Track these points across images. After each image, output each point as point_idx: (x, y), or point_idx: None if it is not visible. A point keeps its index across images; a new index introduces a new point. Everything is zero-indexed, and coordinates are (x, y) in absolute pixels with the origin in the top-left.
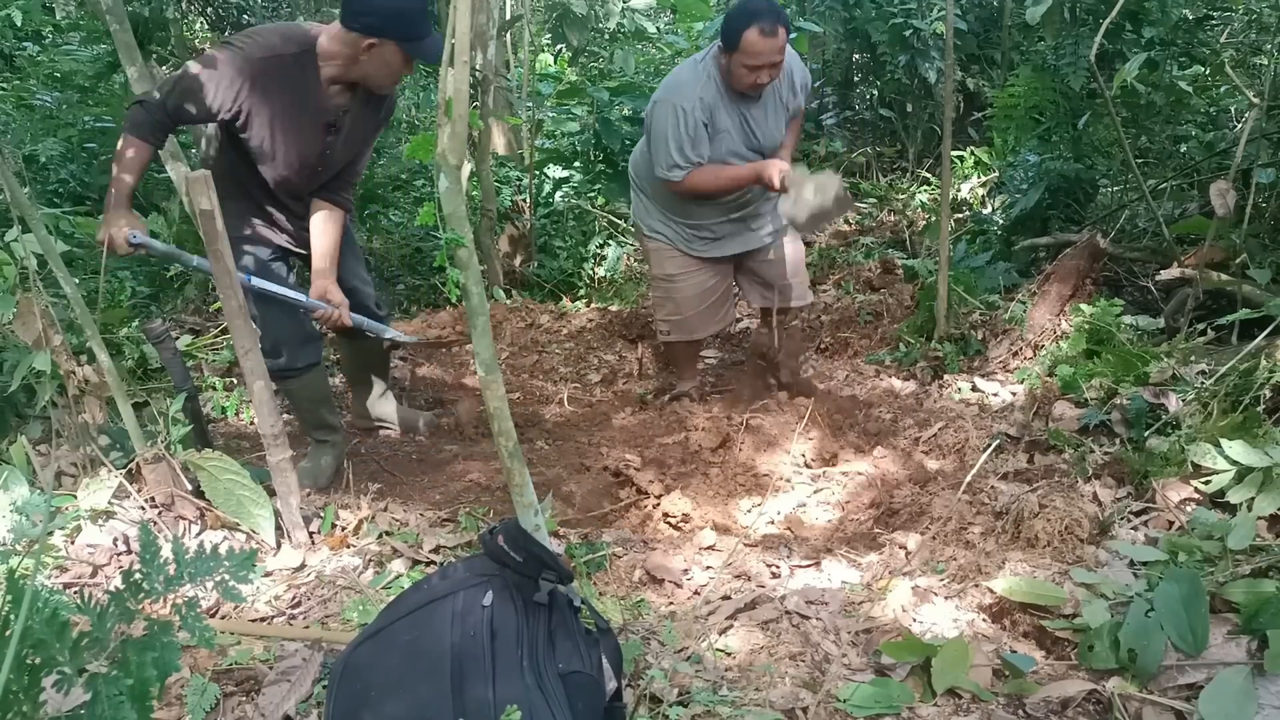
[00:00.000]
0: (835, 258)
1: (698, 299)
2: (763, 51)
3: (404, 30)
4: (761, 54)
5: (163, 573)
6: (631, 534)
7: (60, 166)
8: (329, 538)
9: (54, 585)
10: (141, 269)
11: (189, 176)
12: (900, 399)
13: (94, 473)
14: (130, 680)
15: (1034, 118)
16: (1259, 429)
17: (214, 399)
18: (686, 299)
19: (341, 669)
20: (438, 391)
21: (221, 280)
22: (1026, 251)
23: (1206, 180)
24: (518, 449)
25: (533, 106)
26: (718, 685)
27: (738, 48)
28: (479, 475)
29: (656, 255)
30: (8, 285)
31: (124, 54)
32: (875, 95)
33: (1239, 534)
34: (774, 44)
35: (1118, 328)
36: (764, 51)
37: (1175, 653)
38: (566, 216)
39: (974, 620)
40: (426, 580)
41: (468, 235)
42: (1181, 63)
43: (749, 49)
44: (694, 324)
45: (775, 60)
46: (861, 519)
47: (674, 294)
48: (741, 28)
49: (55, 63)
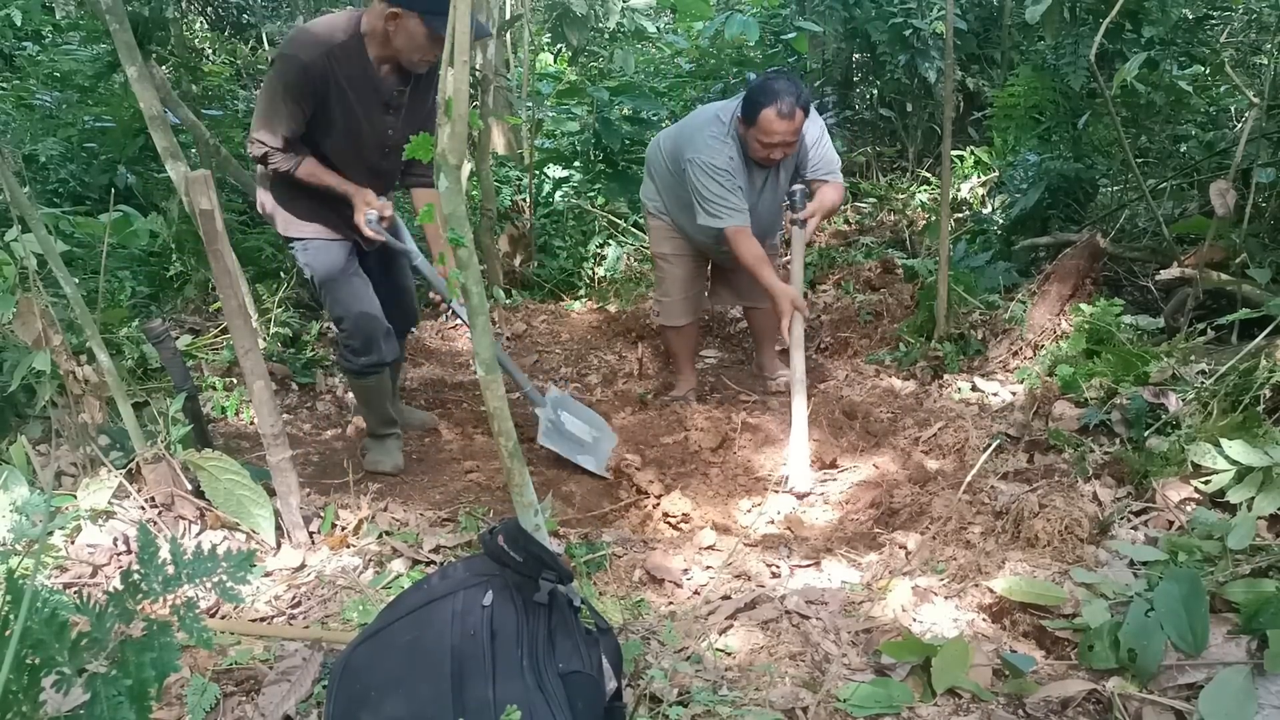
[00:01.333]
0: (835, 257)
1: (683, 285)
2: (778, 131)
3: (426, 2)
4: (776, 134)
5: (161, 573)
6: (631, 534)
7: (60, 166)
8: (329, 538)
9: (54, 585)
10: (141, 269)
11: (189, 176)
12: (900, 399)
13: (94, 473)
14: (129, 680)
15: (1034, 117)
16: (1259, 429)
17: (214, 399)
18: (675, 282)
19: (341, 669)
20: (438, 391)
21: (221, 280)
22: (1026, 251)
23: (1206, 180)
24: (518, 449)
25: (533, 106)
26: (718, 685)
27: (755, 124)
28: (479, 475)
29: (658, 233)
30: (8, 285)
31: (124, 54)
32: (875, 95)
33: (1239, 534)
34: (790, 125)
35: (1118, 327)
36: (779, 132)
37: (1175, 652)
38: (566, 216)
39: (974, 620)
40: (426, 580)
41: (468, 235)
42: (1181, 62)
43: (765, 127)
44: (675, 309)
45: (789, 140)
46: (861, 519)
47: (666, 274)
48: (762, 105)
49: (55, 63)
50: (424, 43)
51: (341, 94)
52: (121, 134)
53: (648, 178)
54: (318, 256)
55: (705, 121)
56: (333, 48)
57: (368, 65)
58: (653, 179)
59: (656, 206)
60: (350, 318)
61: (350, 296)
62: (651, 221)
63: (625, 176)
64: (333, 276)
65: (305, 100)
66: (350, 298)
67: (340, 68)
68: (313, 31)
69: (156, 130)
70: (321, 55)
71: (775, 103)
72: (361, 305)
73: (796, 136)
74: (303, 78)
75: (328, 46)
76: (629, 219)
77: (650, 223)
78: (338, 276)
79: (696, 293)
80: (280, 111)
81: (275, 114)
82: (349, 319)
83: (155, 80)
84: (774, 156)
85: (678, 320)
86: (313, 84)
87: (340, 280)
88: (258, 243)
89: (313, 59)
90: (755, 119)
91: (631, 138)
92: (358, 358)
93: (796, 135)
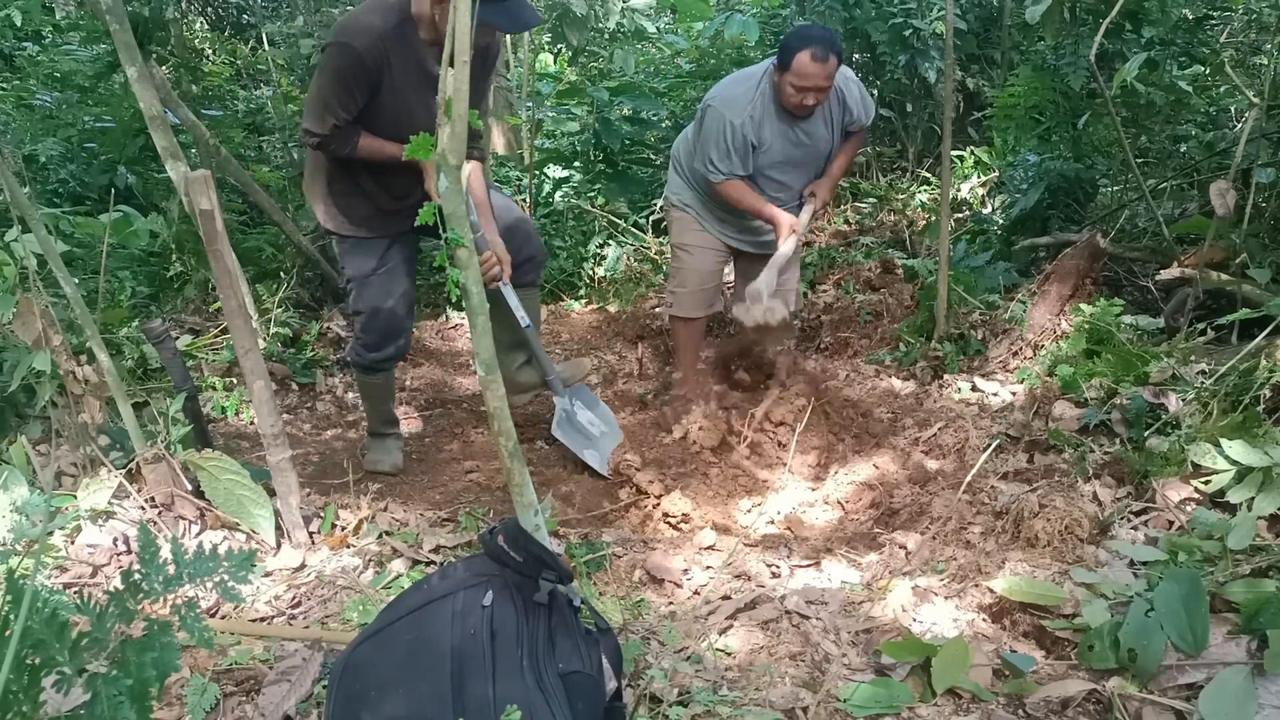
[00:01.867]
0: (835, 257)
1: (700, 278)
2: (811, 75)
3: None
4: (810, 77)
5: (162, 573)
6: (631, 534)
7: (60, 166)
8: (329, 538)
9: (54, 585)
10: (141, 269)
11: (189, 176)
12: (900, 399)
13: (94, 473)
14: (130, 680)
15: (1034, 117)
16: (1259, 429)
17: (214, 399)
18: (692, 273)
19: (341, 669)
20: (438, 391)
21: (221, 280)
22: (1026, 251)
23: (1206, 180)
24: (518, 449)
25: (532, 106)
26: (718, 685)
27: (789, 68)
28: (479, 475)
29: (680, 224)
30: (8, 285)
31: (124, 54)
32: (875, 95)
33: (1239, 534)
34: (823, 69)
35: (1118, 327)
36: (813, 75)
37: (1175, 652)
38: (566, 216)
39: (974, 620)
40: (426, 580)
41: (468, 235)
42: (1181, 62)
43: (799, 70)
44: (688, 301)
45: (823, 85)
46: (861, 519)
47: (684, 264)
48: (795, 49)
49: (55, 63)
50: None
51: (393, 80)
52: (121, 134)
53: (673, 173)
54: (351, 254)
55: (736, 77)
56: (386, 33)
57: (420, 48)
58: (679, 173)
59: (681, 200)
60: (368, 312)
61: (375, 294)
62: (674, 214)
63: (625, 177)
64: (363, 274)
65: (359, 88)
66: (375, 295)
67: (394, 54)
68: (364, 19)
69: (156, 130)
70: (376, 40)
71: (809, 47)
72: (385, 301)
73: (829, 82)
74: (357, 66)
75: (381, 32)
76: (629, 219)
77: (672, 214)
78: (369, 275)
79: (712, 288)
80: (333, 100)
81: (327, 103)
82: (367, 313)
83: (155, 80)
84: (807, 102)
85: (690, 313)
86: (367, 72)
87: (371, 279)
88: (258, 243)
89: (367, 46)
90: (790, 63)
91: (631, 138)
92: (369, 353)
93: (829, 81)
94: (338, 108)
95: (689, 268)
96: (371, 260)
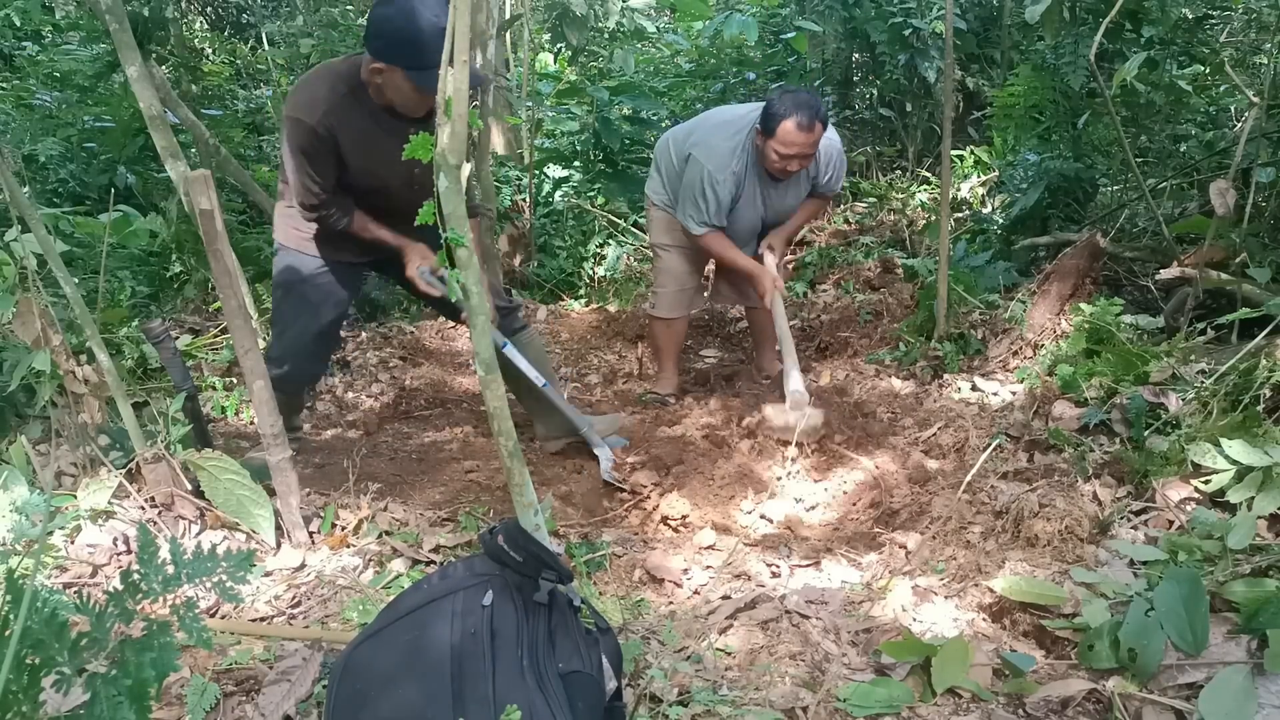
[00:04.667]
0: (835, 257)
1: (679, 277)
2: (797, 143)
3: (411, 58)
4: (795, 145)
5: (161, 573)
6: (631, 534)
7: (60, 166)
8: (329, 537)
9: (54, 585)
10: (141, 269)
11: (189, 176)
12: (900, 399)
13: (94, 473)
14: (129, 680)
15: (1034, 117)
16: (1259, 428)
17: (214, 399)
18: (671, 273)
19: (341, 669)
20: (438, 391)
21: (221, 280)
22: (1026, 251)
23: (1206, 179)
24: (518, 449)
25: (532, 106)
26: (718, 685)
27: (774, 135)
28: (479, 475)
29: (659, 223)
30: (8, 285)
31: (124, 54)
32: (875, 95)
33: (1239, 533)
34: (809, 138)
35: (1118, 327)
36: (798, 143)
37: (1175, 652)
38: (566, 216)
39: (974, 620)
40: (426, 580)
41: (468, 235)
42: (1181, 62)
43: (784, 139)
44: (668, 301)
45: (807, 152)
46: (861, 519)
47: (664, 264)
48: (780, 117)
49: (55, 63)
50: (412, 96)
51: (354, 146)
52: (121, 134)
53: (654, 172)
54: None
55: (721, 124)
56: (332, 106)
57: (374, 112)
58: (660, 173)
59: (662, 200)
60: (279, 326)
61: (292, 312)
62: (654, 213)
63: (625, 176)
64: (287, 285)
65: (324, 157)
66: (291, 313)
67: (345, 123)
68: (312, 89)
69: (156, 130)
70: (323, 113)
71: (795, 115)
72: (297, 325)
73: (814, 150)
74: (312, 137)
75: (327, 105)
76: (629, 219)
77: (652, 214)
78: (293, 287)
79: (692, 287)
80: (303, 175)
81: (301, 180)
82: (277, 328)
83: (155, 80)
84: (790, 169)
85: (669, 313)
86: (323, 140)
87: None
88: (258, 243)
89: (317, 119)
90: (774, 130)
91: (631, 137)
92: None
93: (814, 148)
94: (313, 178)
95: (668, 268)
96: (299, 274)
